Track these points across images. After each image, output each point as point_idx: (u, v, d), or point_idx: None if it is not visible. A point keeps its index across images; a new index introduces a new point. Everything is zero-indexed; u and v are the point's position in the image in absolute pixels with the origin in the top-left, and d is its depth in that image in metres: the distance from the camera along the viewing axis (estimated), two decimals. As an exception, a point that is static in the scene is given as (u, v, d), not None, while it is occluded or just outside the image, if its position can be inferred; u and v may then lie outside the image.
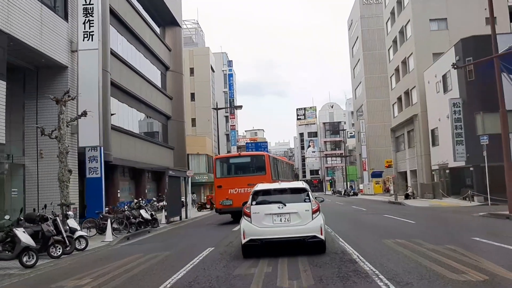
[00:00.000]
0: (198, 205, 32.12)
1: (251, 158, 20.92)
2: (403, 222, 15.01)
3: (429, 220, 15.72)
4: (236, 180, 18.11)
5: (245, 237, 8.62)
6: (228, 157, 22.79)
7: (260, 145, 52.93)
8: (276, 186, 9.39)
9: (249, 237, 8.58)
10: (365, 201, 37.90)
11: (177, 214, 22.13)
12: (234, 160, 21.02)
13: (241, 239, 8.73)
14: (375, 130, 61.60)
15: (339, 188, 73.32)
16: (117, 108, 28.50)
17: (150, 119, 35.26)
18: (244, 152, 27.40)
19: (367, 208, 24.77)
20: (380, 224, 14.77)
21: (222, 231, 14.84)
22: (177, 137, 40.90)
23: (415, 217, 16.85)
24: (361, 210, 23.15)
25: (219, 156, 23.42)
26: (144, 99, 32.58)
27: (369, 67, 62.67)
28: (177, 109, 41.23)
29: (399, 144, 42.71)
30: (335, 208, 27.29)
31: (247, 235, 8.60)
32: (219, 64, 73.78)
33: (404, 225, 14.19)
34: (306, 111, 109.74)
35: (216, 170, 19.97)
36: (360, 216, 18.80)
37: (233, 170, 20.26)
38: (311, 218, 8.56)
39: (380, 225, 14.46)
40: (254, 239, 8.56)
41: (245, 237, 8.63)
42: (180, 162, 40.91)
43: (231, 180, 18.96)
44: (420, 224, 14.44)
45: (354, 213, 20.78)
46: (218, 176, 19.72)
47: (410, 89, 37.96)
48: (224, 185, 18.94)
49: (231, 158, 21.96)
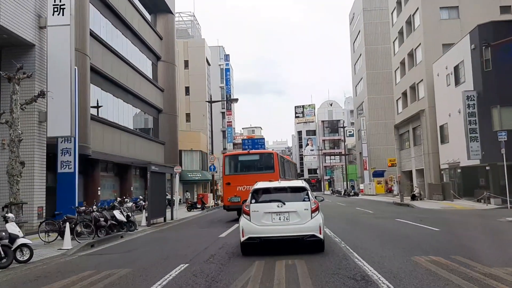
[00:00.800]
0: (188, 205, 29.66)
1: (260, 156, 20.91)
2: (425, 230, 12.59)
3: (455, 227, 13.26)
4: (244, 177, 17.64)
5: (244, 235, 8.62)
6: (237, 154, 22.73)
7: (257, 142, 50.41)
8: (275, 185, 9.29)
9: (248, 235, 8.58)
10: (368, 202, 35.52)
11: (160, 215, 19.67)
12: (243, 157, 21.05)
13: (240, 237, 8.72)
14: (377, 128, 59.25)
15: (338, 188, 70.97)
16: (100, 98, 26.00)
17: (138, 112, 32.76)
18: (253, 150, 27.36)
19: (374, 211, 22.35)
20: (398, 232, 12.32)
21: (206, 238, 12.42)
22: (168, 131, 38.43)
23: (435, 222, 14.44)
24: (367, 213, 20.73)
25: (228, 154, 23.31)
26: (131, 89, 30.08)
27: (371, 63, 60.26)
28: (169, 102, 38.77)
29: (404, 142, 40.34)
30: (337, 209, 24.88)
31: (246, 233, 8.60)
32: (215, 58, 71.23)
33: (428, 233, 11.76)
34: (304, 109, 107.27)
35: (224, 167, 19.93)
36: (369, 221, 16.36)
37: (242, 168, 20.25)
38: (310, 217, 8.55)
39: (398, 234, 12.01)
40: (253, 237, 8.56)
41: (244, 235, 8.63)
42: (172, 158, 38.44)
43: (240, 177, 18.76)
44: (447, 232, 12.01)
45: (360, 217, 18.34)
46: (226, 173, 19.78)
47: (416, 83, 35.57)
48: (232, 182, 18.86)
49: (240, 155, 21.88)
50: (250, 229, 8.58)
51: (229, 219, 20.44)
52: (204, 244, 11.04)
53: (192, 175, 47.88)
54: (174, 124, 39.35)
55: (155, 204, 18.72)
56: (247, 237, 8.60)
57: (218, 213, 26.91)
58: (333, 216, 18.47)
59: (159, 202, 19.33)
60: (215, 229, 15.53)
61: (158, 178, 19.28)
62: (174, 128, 39.33)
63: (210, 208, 31.54)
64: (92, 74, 23.91)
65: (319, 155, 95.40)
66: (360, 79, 64.12)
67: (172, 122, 38.99)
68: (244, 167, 20.28)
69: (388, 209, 24.54)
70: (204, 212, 28.29)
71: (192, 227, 17.72)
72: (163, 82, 38.14)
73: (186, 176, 47.23)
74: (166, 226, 18.39)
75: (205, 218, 22.58)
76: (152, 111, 35.78)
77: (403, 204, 28.19)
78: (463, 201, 26.71)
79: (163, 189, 19.99)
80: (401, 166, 40.53)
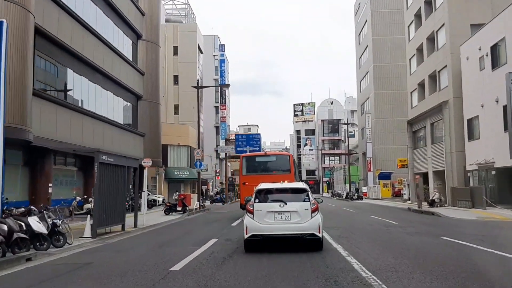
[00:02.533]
0: (166, 207, 24.63)
1: (276, 158, 22.34)
2: (506, 260, 7.67)
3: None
4: (261, 178, 16.88)
5: (248, 233, 9.07)
6: (254, 155, 23.85)
7: (252, 138, 45.46)
8: (278, 186, 9.64)
9: (251, 233, 9.02)
10: (378, 207, 30.58)
11: (116, 221, 14.68)
12: (260, 158, 22.19)
13: (244, 234, 9.15)
14: (383, 126, 54.38)
15: (338, 190, 65.97)
16: (55, 72, 21.00)
17: (111, 96, 27.71)
18: (269, 151, 29.22)
19: (397, 221, 17.35)
20: (477, 268, 7.32)
21: (160, 266, 7.49)
22: (149, 122, 33.43)
23: (505, 245, 9.52)
24: (390, 225, 15.70)
25: (245, 155, 24.18)
26: (100, 67, 25.05)
27: (379, 55, 55.41)
28: (150, 88, 33.76)
29: (418, 140, 35.43)
30: (347, 219, 19.95)
31: (249, 231, 9.05)
32: (209, 47, 66.22)
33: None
34: (304, 107, 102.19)
35: (242, 168, 20.97)
36: (405, 240, 11.23)
37: (259, 168, 21.01)
38: (310, 217, 8.97)
39: (476, 270, 7.03)
40: (256, 235, 9.00)
41: (247, 232, 9.07)
42: (153, 153, 33.43)
43: (256, 177, 18.62)
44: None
45: (387, 232, 13.19)
46: (244, 174, 20.82)
47: (438, 71, 30.69)
48: (249, 182, 19.25)
49: (257, 156, 23.11)
50: (254, 227, 9.01)
51: (210, 228, 15.54)
52: (152, 278, 6.13)
53: (179, 173, 42.89)
54: (156, 114, 34.35)
55: (106, 207, 13.72)
56: (251, 234, 9.02)
57: (199, 219, 21.94)
58: (349, 231, 13.49)
59: (113, 204, 14.30)
60: (177, 248, 10.51)
61: (113, 172, 14.27)
62: (156, 118, 34.32)
63: (194, 211, 26.55)
64: (41, 40, 18.90)
65: (320, 155, 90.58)
66: (366, 73, 59.26)
67: (154, 111, 33.98)
68: (260, 168, 21.04)
69: (411, 218, 19.56)
70: (184, 216, 23.31)
71: (155, 240, 12.72)
72: (145, 65, 33.13)
73: (172, 174, 42.27)
74: (119, 239, 13.37)
75: (180, 226, 17.59)
76: (129, 97, 30.75)
77: (424, 211, 23.26)
78: (500, 209, 21.78)
79: (122, 187, 14.99)
80: (414, 168, 35.61)
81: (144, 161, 17.90)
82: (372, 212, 23.67)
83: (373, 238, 11.39)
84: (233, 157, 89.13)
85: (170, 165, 42.60)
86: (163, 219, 20.79)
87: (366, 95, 59.61)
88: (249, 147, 44.59)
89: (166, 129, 43.08)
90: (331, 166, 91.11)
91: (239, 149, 44.99)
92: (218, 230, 14.62)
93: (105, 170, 13.69)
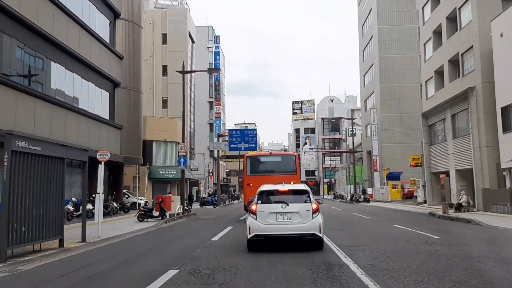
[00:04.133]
0: (140, 212, 20.27)
1: (282, 158, 21.70)
2: None
3: None
4: (266, 179, 16.00)
5: (251, 233, 9.20)
6: (259, 155, 23.47)
7: (247, 133, 41.12)
8: (280, 188, 9.77)
9: (254, 233, 9.17)
10: (392, 212, 26.36)
11: (48, 235, 10.35)
12: (265, 158, 21.72)
13: (247, 234, 9.26)
14: (390, 122, 50.21)
15: (341, 192, 61.72)
16: (9, 48, 16.71)
17: (81, 80, 23.42)
18: (275, 152, 27.98)
19: (435, 233, 13.01)
20: None
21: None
22: (129, 113, 29.17)
23: None
24: (433, 241, 11.30)
25: (249, 154, 23.05)
26: (67, 46, 20.80)
27: (385, 45, 51.24)
28: (130, 74, 29.51)
29: (436, 135, 31.21)
30: (366, 228, 15.70)
31: (252, 231, 9.20)
32: (203, 39, 61.89)
33: None
34: (303, 104, 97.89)
35: (246, 168, 20.17)
36: (487, 276, 6.97)
37: (263, 169, 20.29)
38: (311, 217, 9.13)
39: None
40: (258, 235, 9.16)
41: (250, 232, 9.21)
42: (133, 148, 29.21)
43: (261, 178, 17.52)
44: None
45: (441, 257, 8.60)
46: (248, 174, 20.00)
47: (461, 53, 26.48)
48: (253, 183, 18.18)
49: (261, 156, 22.73)
50: (256, 227, 9.18)
51: (181, 244, 11.31)
52: None
53: (165, 172, 38.58)
54: (137, 104, 30.06)
55: (28, 216, 9.43)
56: (254, 234, 9.18)
57: (176, 228, 17.65)
58: (382, 253, 9.22)
59: (41, 212, 10.00)
60: (141, 267, 6.22)
61: (40, 166, 9.98)
62: (137, 108, 30.03)
63: (174, 216, 22.26)
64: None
65: (320, 154, 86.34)
66: (371, 65, 55.07)
67: (134, 100, 29.70)
68: (265, 169, 20.30)
69: (447, 228, 15.29)
70: (161, 223, 19.00)
71: (82, 272, 8.37)
72: (124, 47, 28.87)
73: (157, 173, 37.96)
74: (40, 263, 9.03)
75: (144, 240, 13.28)
76: (104, 83, 26.45)
77: (456, 218, 19.00)
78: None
79: (56, 186, 10.67)
80: (431, 166, 31.38)
81: (99, 153, 13.59)
82: (391, 219, 19.41)
83: (431, 272, 7.03)
84: (229, 156, 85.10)
85: (155, 164, 38.31)
86: (131, 228, 16.49)
87: (370, 90, 55.43)
88: (244, 144, 40.34)
89: (152, 123, 38.81)
90: (332, 166, 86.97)
91: (233, 146, 40.73)
92: (190, 248, 10.34)
93: (25, 163, 9.39)
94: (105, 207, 23.54)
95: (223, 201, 45.59)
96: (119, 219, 21.90)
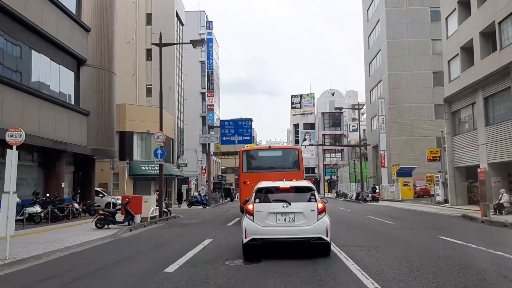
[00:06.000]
0: (99, 217, 15.53)
1: (282, 152, 19.49)
2: None
3: None
4: (265, 176, 13.56)
5: (247, 236, 8.17)
6: (257, 149, 21.62)
7: (241, 125, 36.41)
8: (280, 184, 8.76)
9: (251, 236, 8.13)
10: (413, 214, 21.83)
11: None
12: (263, 153, 19.40)
13: (243, 238, 8.26)
14: (399, 114, 45.62)
15: (344, 190, 57.16)
16: None
17: (33, 53, 18.73)
18: (274, 145, 23.88)
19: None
20: None
21: None
22: (98, 96, 24.49)
23: None
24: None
25: (246, 148, 20.39)
26: (6, 4, 16.08)
27: (394, 29, 46.65)
28: (100, 51, 24.81)
29: (461, 123, 26.68)
30: (403, 243, 11.22)
31: (249, 234, 8.14)
32: (194, 25, 57.12)
33: None
34: (302, 98, 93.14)
35: (242, 164, 18.02)
36: None
37: (262, 165, 18.11)
38: (317, 218, 8.12)
39: None
40: (256, 239, 8.12)
41: (246, 236, 8.16)
42: (104, 139, 24.68)
43: (260, 175, 14.57)
44: None
45: None
46: (244, 171, 17.89)
47: (498, 22, 21.88)
48: (250, 181, 15.92)
49: (260, 151, 20.40)
50: (254, 230, 8.15)
51: (124, 274, 6.70)
52: None
53: (148, 167, 33.96)
54: (108, 86, 25.38)
55: None
56: (250, 238, 8.14)
57: (141, 239, 12.80)
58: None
59: None
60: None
61: None
62: (108, 91, 25.35)
63: (147, 221, 17.62)
64: None
65: (321, 150, 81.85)
66: (377, 52, 50.47)
67: (105, 82, 25.02)
68: (264, 165, 18.14)
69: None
70: (124, 231, 14.37)
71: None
72: (92, 18, 24.14)
73: (139, 169, 33.36)
74: None
75: (74, 266, 8.62)
76: (65, 59, 21.77)
77: (510, 225, 14.42)
78: None
79: None
80: (454, 160, 26.84)
81: (9, 132, 8.95)
82: (426, 226, 14.84)
83: None
84: (224, 153, 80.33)
85: (136, 158, 33.64)
86: (75, 240, 11.85)
87: (377, 79, 50.85)
88: (238, 136, 35.63)
89: (132, 112, 34.16)
90: (332, 163, 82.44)
91: (225, 139, 36.02)
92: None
93: None
94: (60, 209, 19.01)
95: (215, 200, 41.00)
96: (75, 224, 17.27)
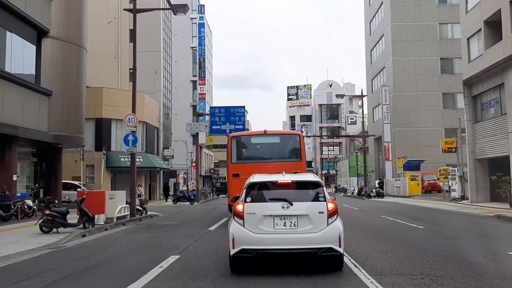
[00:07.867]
0: (44, 218, 12.02)
1: (280, 138, 15.94)
2: None
3: None
4: (260, 167, 12.13)
5: (235, 246, 6.06)
6: (249, 135, 18.22)
7: (233, 112, 32.93)
8: (279, 178, 6.60)
9: (240, 247, 6.03)
10: (437, 214, 18.54)
11: None
12: (257, 139, 16.03)
13: (230, 248, 6.15)
14: (405, 103, 42.26)
15: (343, 185, 53.95)
16: None
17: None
18: (271, 130, 17.27)
19: None
20: None
21: None
22: (63, 74, 20.85)
23: None
24: None
25: (236, 134, 17.19)
26: None
27: (399, 10, 43.19)
28: (66, 21, 21.18)
29: (485, 108, 23.37)
30: (480, 271, 7.71)
31: (237, 244, 6.05)
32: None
33: None
34: (299, 89, 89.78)
35: (231, 153, 14.80)
36: None
37: (256, 154, 15.51)
38: (327, 223, 6.09)
39: None
40: (247, 250, 6.00)
41: (234, 246, 6.06)
42: (70, 124, 21.12)
43: (253, 167, 12.67)
44: None
45: None
46: (234, 161, 14.73)
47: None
48: (242, 173, 13.10)
49: (253, 136, 16.82)
50: (244, 238, 6.05)
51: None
52: None
53: (128, 159, 30.29)
54: (78, 63, 21.76)
55: None
56: (239, 249, 6.03)
57: (80, 256, 9.16)
58: None
59: None
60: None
61: None
62: (77, 69, 21.72)
63: (113, 223, 14.19)
64: None
65: (318, 143, 78.63)
66: (380, 37, 47.02)
67: (73, 58, 21.39)
68: (258, 153, 15.52)
69: None
70: (73, 237, 10.94)
71: None
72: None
73: (117, 161, 29.89)
74: None
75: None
76: (22, 28, 18.14)
77: None
78: None
79: None
80: (475, 151, 23.54)
81: None
82: (464, 231, 11.48)
83: None
84: (217, 146, 76.73)
85: (114, 149, 30.09)
86: (25, 247, 8.37)
87: (379, 66, 47.45)
88: (229, 125, 32.25)
89: (110, 97, 30.56)
90: (330, 157, 79.28)
91: (215, 128, 32.60)
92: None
93: None
94: (4, 207, 15.49)
95: (205, 195, 37.60)
96: (20, 227, 13.78)
